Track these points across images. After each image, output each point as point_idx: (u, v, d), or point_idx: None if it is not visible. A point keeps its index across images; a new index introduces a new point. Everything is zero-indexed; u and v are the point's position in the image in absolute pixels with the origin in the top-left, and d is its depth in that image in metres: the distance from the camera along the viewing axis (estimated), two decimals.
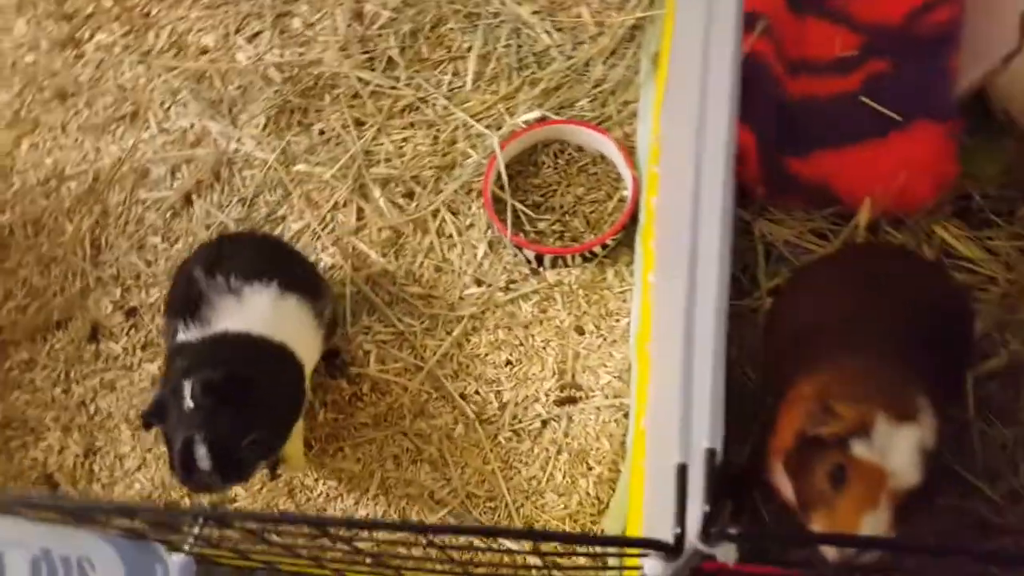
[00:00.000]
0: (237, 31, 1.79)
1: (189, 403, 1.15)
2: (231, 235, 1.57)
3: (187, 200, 1.67)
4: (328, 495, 1.46)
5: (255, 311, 1.27)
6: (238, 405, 1.17)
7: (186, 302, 1.30)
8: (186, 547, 1.07)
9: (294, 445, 1.38)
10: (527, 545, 1.25)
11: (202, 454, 1.15)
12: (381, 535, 1.03)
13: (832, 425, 1.04)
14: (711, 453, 0.80)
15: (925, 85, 1.46)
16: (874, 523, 1.02)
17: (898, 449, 1.03)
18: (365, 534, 1.03)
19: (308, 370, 1.35)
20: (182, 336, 1.27)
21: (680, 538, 0.78)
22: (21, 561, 0.89)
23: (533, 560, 1.18)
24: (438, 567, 1.15)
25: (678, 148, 1.07)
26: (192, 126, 1.72)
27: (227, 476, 1.18)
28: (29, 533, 0.92)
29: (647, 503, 1.14)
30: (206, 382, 1.15)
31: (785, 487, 1.15)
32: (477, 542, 1.37)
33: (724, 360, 0.89)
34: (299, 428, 1.37)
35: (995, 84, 1.45)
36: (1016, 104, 1.43)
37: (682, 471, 0.80)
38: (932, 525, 1.34)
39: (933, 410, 1.09)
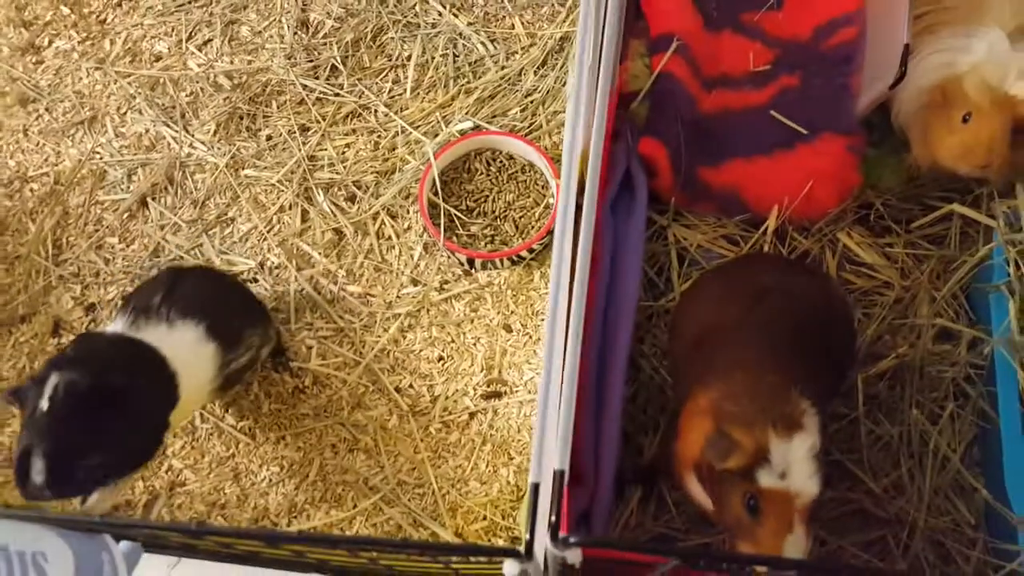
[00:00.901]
0: (189, 38, 1.87)
1: (45, 403, 1.13)
2: (197, 270, 1.59)
3: (143, 202, 1.76)
4: (271, 480, 1.57)
5: (172, 338, 1.32)
6: (92, 419, 1.15)
7: (135, 302, 1.37)
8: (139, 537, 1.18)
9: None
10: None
11: (38, 467, 1.12)
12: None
13: (734, 458, 1.12)
14: (560, 474, 0.90)
15: (829, 100, 1.55)
16: (794, 543, 1.11)
17: (796, 466, 1.11)
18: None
19: (190, 408, 1.40)
20: (112, 325, 1.33)
21: (530, 545, 0.90)
22: None
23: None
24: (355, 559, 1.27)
25: (567, 165, 1.17)
26: (147, 131, 1.81)
27: (60, 493, 1.17)
28: None
29: None
30: (68, 385, 1.13)
31: (698, 494, 1.24)
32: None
33: (574, 389, 0.98)
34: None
35: (892, 103, 1.53)
36: (906, 125, 1.52)
37: (535, 489, 0.91)
38: (818, 514, 1.46)
39: (817, 408, 1.19)
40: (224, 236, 1.72)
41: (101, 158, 1.80)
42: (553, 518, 0.90)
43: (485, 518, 1.51)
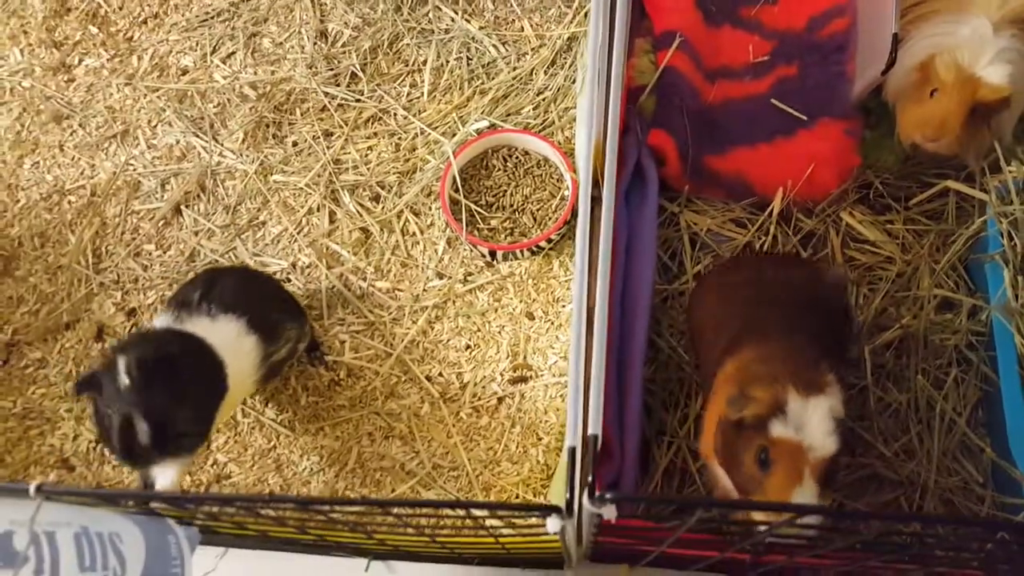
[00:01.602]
0: (213, 52, 1.96)
1: (124, 379, 1.23)
2: (235, 270, 1.69)
3: (177, 210, 1.85)
4: (312, 469, 1.65)
5: (216, 330, 1.42)
6: (169, 382, 1.27)
7: (176, 300, 1.48)
8: (196, 522, 1.27)
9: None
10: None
11: (143, 429, 1.24)
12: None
13: (751, 408, 1.15)
14: (594, 439, 0.98)
15: (826, 87, 1.63)
16: (803, 496, 1.12)
17: (813, 422, 1.14)
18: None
19: (237, 397, 1.49)
20: (157, 322, 1.44)
21: (570, 502, 0.98)
22: (68, 537, 1.07)
23: (492, 522, 1.37)
24: (408, 530, 1.35)
25: (581, 157, 1.25)
26: (177, 142, 1.89)
27: (164, 450, 1.28)
28: (70, 515, 1.10)
29: None
30: (138, 358, 1.24)
31: (723, 477, 1.27)
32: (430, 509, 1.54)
33: (609, 364, 1.06)
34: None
35: (884, 84, 1.62)
36: (893, 102, 1.61)
37: (572, 452, 0.99)
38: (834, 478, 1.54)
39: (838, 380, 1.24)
40: (256, 239, 1.81)
41: (135, 169, 1.89)
42: (590, 478, 0.98)
43: (518, 496, 1.59)
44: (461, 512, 1.46)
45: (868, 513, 1.32)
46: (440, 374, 1.70)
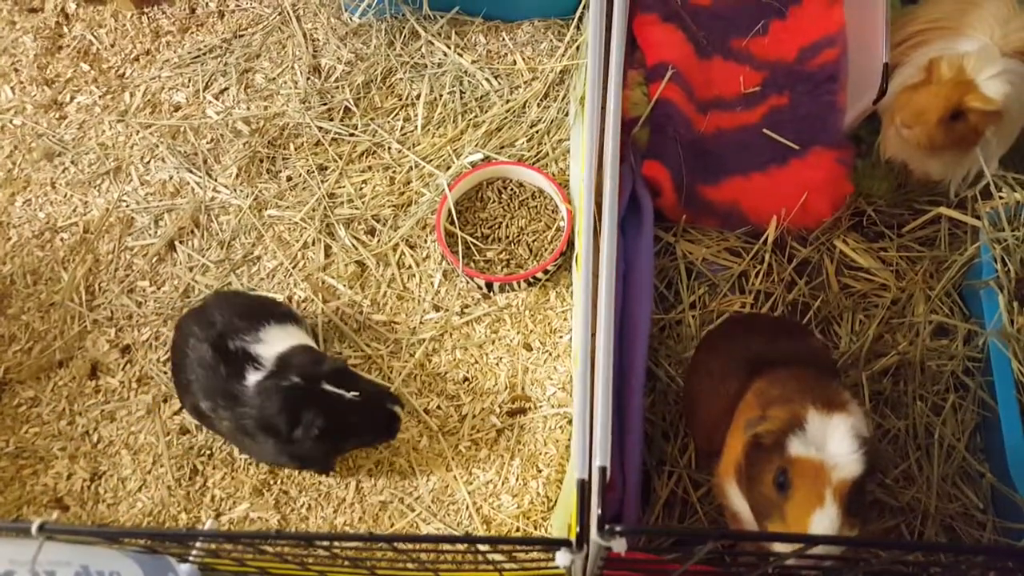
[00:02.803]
0: (206, 88, 1.96)
1: (348, 395, 1.43)
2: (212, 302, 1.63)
3: (171, 246, 1.84)
4: (310, 505, 1.63)
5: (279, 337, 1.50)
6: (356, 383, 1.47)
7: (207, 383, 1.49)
8: (191, 558, 1.25)
9: None
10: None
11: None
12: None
13: (767, 424, 1.09)
14: (603, 470, 0.98)
15: (817, 117, 1.65)
16: (823, 521, 1.05)
17: (835, 440, 1.07)
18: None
19: None
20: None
21: (580, 536, 0.97)
22: None
23: (493, 556, 1.36)
24: (408, 565, 1.34)
25: (576, 188, 1.26)
26: (171, 178, 1.89)
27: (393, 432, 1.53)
28: (70, 554, 1.08)
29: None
30: (338, 371, 1.44)
31: (739, 504, 1.22)
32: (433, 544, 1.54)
33: (611, 395, 1.06)
34: None
35: (880, 109, 1.64)
36: (882, 112, 1.63)
37: (582, 485, 0.98)
38: (861, 505, 1.53)
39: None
40: (251, 274, 1.80)
41: (128, 206, 1.88)
42: (599, 510, 0.97)
43: (518, 529, 1.58)
44: (461, 547, 1.45)
45: (873, 542, 1.32)
46: (438, 407, 1.69)
